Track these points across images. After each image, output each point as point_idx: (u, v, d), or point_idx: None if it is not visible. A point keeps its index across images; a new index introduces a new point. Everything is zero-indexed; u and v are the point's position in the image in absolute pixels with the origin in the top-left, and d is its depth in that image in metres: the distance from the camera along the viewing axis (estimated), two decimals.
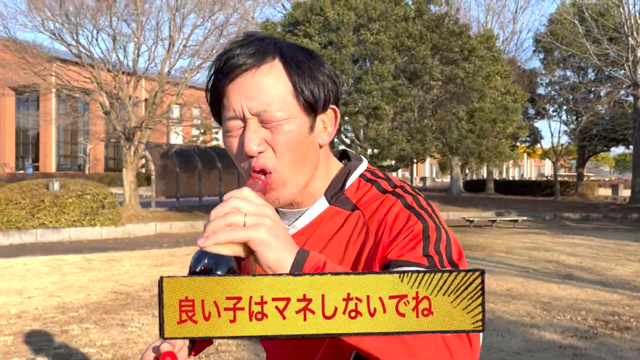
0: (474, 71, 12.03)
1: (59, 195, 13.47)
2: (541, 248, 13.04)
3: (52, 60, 15.09)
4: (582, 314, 6.67)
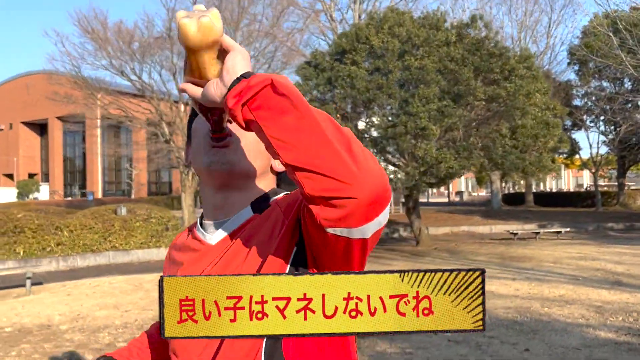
0: (515, 90, 12.60)
1: (127, 220, 14.50)
2: (588, 257, 13.41)
3: (114, 94, 16.28)
4: (634, 315, 7.16)
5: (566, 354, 5.49)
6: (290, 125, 0.84)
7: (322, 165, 0.83)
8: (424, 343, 5.89)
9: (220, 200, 1.14)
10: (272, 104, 0.85)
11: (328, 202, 0.86)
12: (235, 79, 0.88)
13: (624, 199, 36.55)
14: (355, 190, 0.84)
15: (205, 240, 1.15)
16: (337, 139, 0.85)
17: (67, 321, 7.59)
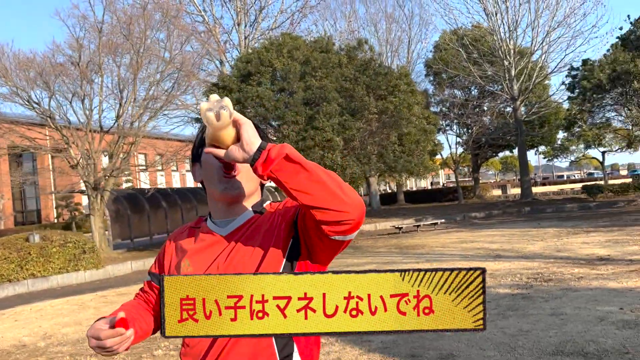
0: (399, 103, 14.61)
1: (44, 246, 14.38)
2: (467, 241, 15.77)
3: (14, 123, 15.89)
4: (518, 276, 9.17)
5: (490, 316, 7.19)
6: (303, 181, 1.21)
7: (328, 204, 1.20)
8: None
9: (227, 207, 1.50)
10: (289, 169, 1.22)
11: (333, 224, 1.23)
12: (256, 151, 1.24)
13: (480, 192, 41.21)
14: (350, 215, 1.23)
15: (217, 233, 1.49)
16: (333, 184, 1.22)
17: (39, 340, 7.96)
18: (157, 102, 16.75)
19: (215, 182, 1.46)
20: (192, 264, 1.47)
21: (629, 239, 12.83)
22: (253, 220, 1.48)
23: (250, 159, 1.24)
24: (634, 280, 7.88)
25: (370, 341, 5.83)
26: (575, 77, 23.59)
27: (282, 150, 1.23)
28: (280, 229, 1.42)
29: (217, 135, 1.24)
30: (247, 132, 1.25)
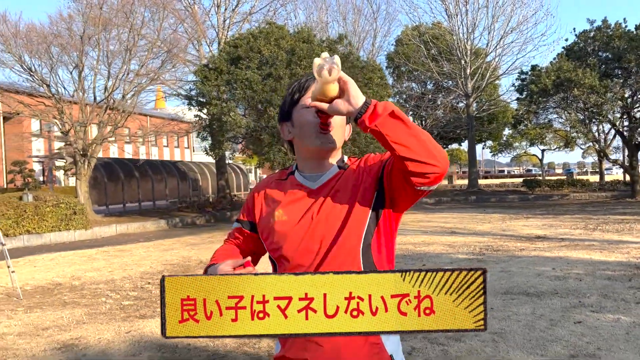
0: (373, 95, 16.18)
1: (39, 205, 15.28)
2: (423, 220, 17.64)
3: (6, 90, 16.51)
4: (472, 247, 10.99)
5: (446, 266, 8.92)
6: (403, 135, 1.35)
7: (422, 157, 1.36)
8: None
9: (317, 162, 1.61)
10: (393, 123, 1.36)
11: (424, 175, 1.38)
12: (362, 105, 1.37)
13: None
14: (439, 168, 1.38)
15: (307, 186, 1.61)
16: (428, 140, 1.38)
17: (70, 280, 9.15)
18: (143, 78, 17.71)
19: (312, 137, 1.55)
20: (286, 214, 1.58)
21: (561, 224, 14.97)
22: (339, 175, 1.60)
23: (356, 112, 1.36)
24: (563, 252, 9.81)
25: None
26: (524, 81, 25.81)
27: (388, 107, 1.36)
28: (367, 183, 1.55)
29: (325, 89, 1.35)
30: (353, 88, 1.37)
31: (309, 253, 1.51)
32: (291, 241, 1.54)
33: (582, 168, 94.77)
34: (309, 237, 1.53)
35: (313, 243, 1.52)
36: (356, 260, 1.48)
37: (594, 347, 4.58)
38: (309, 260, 1.50)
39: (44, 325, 6.15)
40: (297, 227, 1.55)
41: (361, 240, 1.51)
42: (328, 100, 1.38)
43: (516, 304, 6.12)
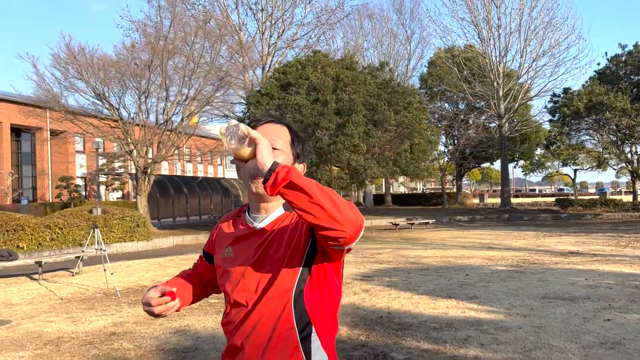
0: (412, 118, 17.28)
1: (107, 218, 16.71)
2: (459, 237, 18.52)
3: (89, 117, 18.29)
4: (510, 260, 11.88)
5: (487, 276, 9.88)
6: (305, 203, 1.36)
7: (326, 224, 1.37)
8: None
9: (260, 203, 1.67)
10: (293, 193, 1.36)
11: (330, 239, 1.41)
12: (267, 171, 1.36)
13: (461, 199, 44.24)
14: (345, 233, 1.39)
15: (254, 226, 1.66)
16: (331, 205, 1.36)
17: (152, 283, 10.37)
18: (201, 102, 19.15)
19: (248, 182, 1.62)
20: (233, 251, 1.67)
21: (593, 241, 15.71)
22: (283, 217, 1.64)
23: (263, 177, 1.38)
24: (595, 266, 10.65)
25: (417, 289, 8.46)
26: (557, 103, 26.54)
27: (287, 176, 1.35)
28: (302, 232, 1.58)
29: (236, 152, 1.42)
30: (260, 152, 1.37)
31: (246, 292, 1.59)
32: (233, 278, 1.63)
33: (616, 188, 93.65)
34: (248, 275, 1.60)
35: (251, 282, 1.59)
36: (288, 304, 1.55)
37: (620, 337, 5.53)
38: (245, 299, 1.58)
39: (150, 317, 7.33)
40: (239, 266, 1.62)
41: (294, 286, 1.56)
42: (245, 160, 1.43)
43: (553, 306, 7.06)
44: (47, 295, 9.43)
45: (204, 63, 17.75)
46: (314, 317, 1.58)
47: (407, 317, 6.74)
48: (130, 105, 18.69)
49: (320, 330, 1.60)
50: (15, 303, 8.77)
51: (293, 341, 1.55)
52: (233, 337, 1.62)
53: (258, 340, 1.56)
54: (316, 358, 1.57)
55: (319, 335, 1.59)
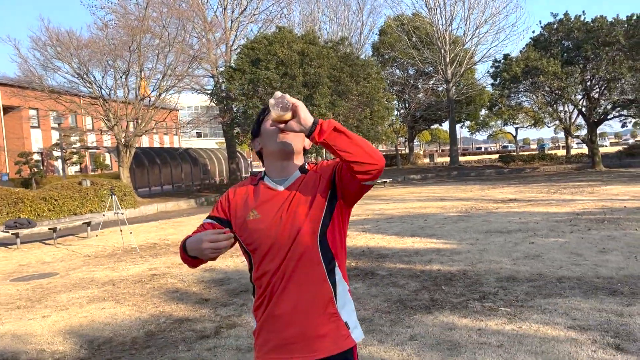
0: (372, 88, 19.00)
1: (97, 189, 17.88)
2: (415, 192, 20.58)
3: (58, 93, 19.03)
4: (459, 208, 13.92)
5: (442, 220, 11.85)
6: (346, 145, 1.66)
7: (362, 159, 1.66)
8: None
9: (281, 166, 1.88)
10: (336, 137, 1.66)
11: (367, 172, 1.69)
12: (311, 125, 1.66)
13: (413, 159, 46.63)
14: (377, 166, 1.69)
15: (276, 189, 1.87)
16: (366, 147, 1.68)
17: (160, 241, 11.83)
18: (173, 79, 20.25)
19: (274, 141, 1.84)
20: (259, 213, 1.85)
21: (529, 190, 18.04)
22: (301, 178, 1.87)
23: (307, 131, 1.66)
24: (528, 208, 12.80)
25: (386, 232, 10.34)
26: (498, 68, 28.73)
27: (331, 124, 1.66)
28: (323, 184, 1.83)
29: (279, 119, 1.69)
30: (303, 112, 1.65)
31: (281, 244, 1.79)
32: (266, 235, 1.80)
33: (555, 143, 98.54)
34: (281, 229, 1.79)
35: (283, 235, 1.78)
36: (315, 245, 1.79)
37: (539, 252, 7.53)
38: (280, 250, 1.79)
39: (176, 263, 8.91)
40: (270, 225, 1.81)
41: (319, 229, 1.79)
42: (286, 122, 1.69)
43: (493, 237, 9.06)
44: (72, 254, 10.83)
45: (178, 42, 18.79)
46: (335, 253, 1.84)
47: (383, 250, 8.58)
48: (110, 84, 19.55)
49: (340, 264, 1.86)
50: (49, 261, 10.15)
51: (321, 275, 1.81)
52: (270, 284, 1.82)
53: (293, 277, 1.79)
54: (339, 288, 1.85)
55: (340, 269, 1.86)
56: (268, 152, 1.89)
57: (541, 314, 4.91)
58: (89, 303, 6.54)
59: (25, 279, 8.46)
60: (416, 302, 5.54)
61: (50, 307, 6.46)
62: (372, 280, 6.60)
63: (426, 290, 5.98)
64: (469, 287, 6.00)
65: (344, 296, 1.85)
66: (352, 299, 1.89)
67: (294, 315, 1.79)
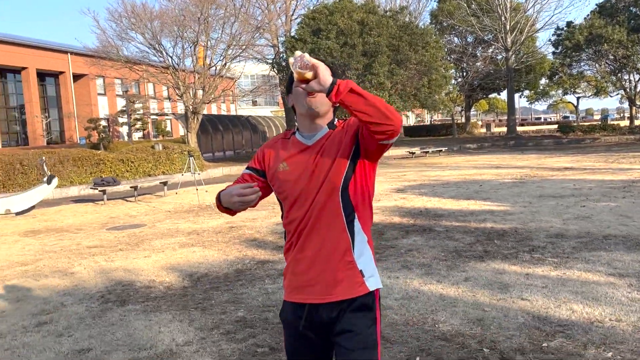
0: (430, 56, 19.23)
1: (169, 153, 19.14)
2: (471, 161, 20.83)
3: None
4: (514, 175, 14.23)
5: (496, 186, 12.26)
6: (362, 105, 1.70)
7: (378, 119, 1.70)
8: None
9: (310, 123, 1.98)
10: (353, 97, 1.70)
11: (383, 132, 1.74)
12: (330, 85, 1.69)
13: (470, 128, 46.22)
14: (393, 127, 1.73)
15: (305, 144, 1.98)
16: (382, 106, 1.71)
17: None
18: (236, 49, 21.10)
19: (302, 104, 1.92)
20: (289, 165, 1.97)
21: (586, 159, 18.02)
22: (329, 134, 1.97)
23: (326, 90, 1.70)
24: (583, 176, 12.99)
25: (442, 195, 10.89)
26: (560, 36, 28.05)
27: (348, 85, 1.70)
28: (347, 140, 1.92)
29: (300, 76, 1.74)
30: (322, 72, 1.70)
31: (306, 194, 1.93)
32: (294, 185, 1.94)
33: (621, 113, 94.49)
34: (307, 181, 1.92)
35: (310, 185, 1.92)
36: (337, 196, 1.91)
37: (589, 214, 7.95)
38: (306, 199, 1.93)
39: (249, 217, 9.81)
40: (298, 175, 1.94)
41: (341, 182, 1.90)
42: (306, 82, 1.75)
43: (546, 200, 9.48)
44: (154, 209, 11.97)
45: (242, 13, 19.55)
46: (356, 205, 1.93)
47: (439, 211, 9.19)
48: (179, 53, 20.62)
49: (360, 216, 1.95)
50: (135, 215, 11.30)
51: (340, 224, 1.92)
52: (297, 230, 1.96)
53: (316, 225, 1.92)
54: (358, 237, 1.95)
55: (359, 221, 1.95)
56: (298, 111, 2.00)
57: (585, 263, 5.45)
58: (180, 247, 7.51)
59: (119, 229, 9.58)
60: (470, 252, 6.17)
61: (148, 250, 7.47)
62: (429, 235, 7.25)
63: (479, 243, 6.59)
64: (519, 241, 6.56)
65: (361, 246, 1.95)
66: (371, 250, 2.00)
67: (315, 260, 1.92)
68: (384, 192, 12.14)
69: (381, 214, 9.16)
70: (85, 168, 16.97)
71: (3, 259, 7.49)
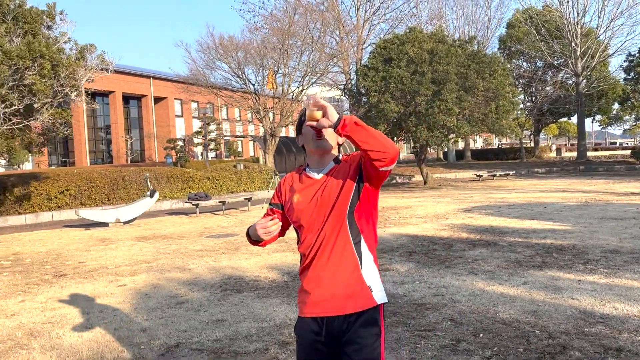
0: (498, 84, 19.86)
1: (249, 172, 20.71)
2: (538, 184, 21.12)
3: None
4: (579, 199, 14.61)
5: (560, 208, 12.78)
6: (364, 136, 1.96)
7: (377, 148, 1.96)
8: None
9: (319, 159, 2.22)
10: (356, 130, 1.96)
11: (382, 160, 1.98)
12: (336, 121, 1.97)
13: (539, 153, 45.65)
14: (390, 154, 1.97)
15: (314, 177, 2.21)
16: (380, 138, 1.97)
17: None
18: (313, 77, 22.60)
19: (311, 142, 2.18)
20: (301, 197, 2.19)
21: None
22: (335, 168, 2.19)
23: (333, 125, 1.97)
24: None
25: (507, 215, 11.58)
26: (632, 62, 27.78)
27: (352, 118, 1.97)
28: (352, 171, 2.15)
29: (312, 115, 2.01)
30: (330, 110, 1.98)
31: (317, 221, 2.14)
32: (305, 214, 2.16)
33: None
34: (317, 210, 2.14)
35: (319, 214, 2.13)
36: (344, 221, 2.12)
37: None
38: (317, 225, 2.14)
39: None
40: (309, 205, 2.16)
41: (347, 207, 2.11)
42: (317, 120, 2.01)
43: (606, 222, 10.02)
44: (242, 221, 13.32)
45: (319, 44, 21.02)
46: (361, 228, 2.15)
47: (504, 228, 9.95)
48: (259, 80, 22.33)
49: (366, 238, 2.16)
50: (226, 226, 12.67)
51: (349, 245, 2.12)
52: (310, 254, 2.16)
53: (327, 247, 2.12)
54: (365, 257, 2.15)
55: (366, 242, 2.16)
56: (308, 149, 2.24)
57: (633, 273, 6.16)
58: (274, 252, 8.69)
59: (215, 237, 10.93)
60: (530, 263, 6.97)
61: (247, 254, 8.71)
62: (494, 248, 8.08)
63: (539, 256, 7.37)
64: (576, 255, 7.29)
65: (369, 265, 2.15)
66: (377, 268, 2.21)
67: (327, 278, 2.11)
68: (451, 212, 12.96)
69: (449, 229, 10.04)
70: (177, 184, 18.75)
71: (128, 258, 8.95)
